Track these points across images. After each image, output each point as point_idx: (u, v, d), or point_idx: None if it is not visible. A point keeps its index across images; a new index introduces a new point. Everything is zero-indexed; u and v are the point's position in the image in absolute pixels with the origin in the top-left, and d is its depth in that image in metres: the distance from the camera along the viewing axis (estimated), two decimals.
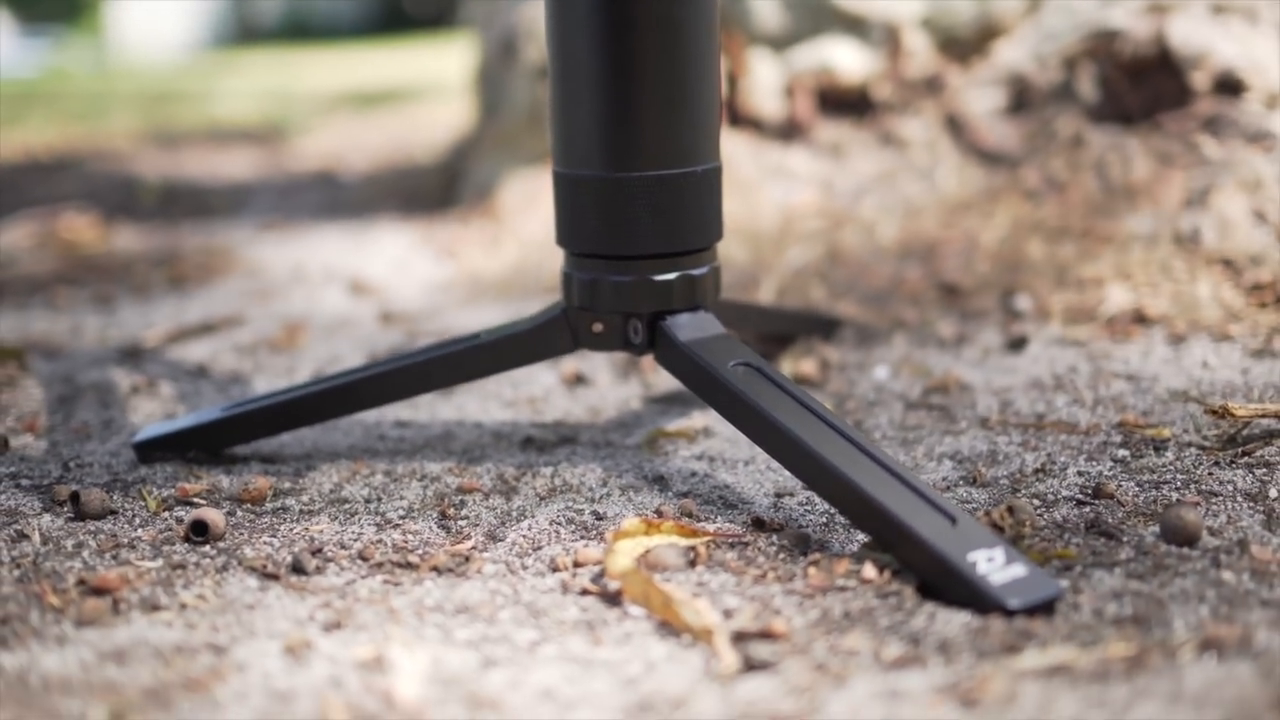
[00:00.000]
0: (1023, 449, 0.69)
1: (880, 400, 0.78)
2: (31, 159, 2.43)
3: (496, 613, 0.51)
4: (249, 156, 2.42)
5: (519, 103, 1.43)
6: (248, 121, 3.17)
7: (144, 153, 2.54)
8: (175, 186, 1.99)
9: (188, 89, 4.55)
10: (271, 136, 2.77)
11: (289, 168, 2.23)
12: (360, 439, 0.75)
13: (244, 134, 2.86)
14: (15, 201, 1.77)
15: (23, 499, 0.64)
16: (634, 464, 0.69)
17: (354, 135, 2.66)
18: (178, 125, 3.17)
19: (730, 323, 0.80)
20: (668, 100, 0.63)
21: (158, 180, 2.07)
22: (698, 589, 0.53)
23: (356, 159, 2.24)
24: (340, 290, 1.16)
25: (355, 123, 2.97)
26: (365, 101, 3.44)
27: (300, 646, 0.47)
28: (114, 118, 3.47)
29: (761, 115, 1.27)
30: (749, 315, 0.84)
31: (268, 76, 5.10)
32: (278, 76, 5.04)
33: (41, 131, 3.04)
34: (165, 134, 2.94)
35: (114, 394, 0.85)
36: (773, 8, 1.25)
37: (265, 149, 2.56)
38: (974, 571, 0.50)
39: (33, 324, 1.08)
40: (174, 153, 2.54)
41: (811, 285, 1.03)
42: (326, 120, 3.05)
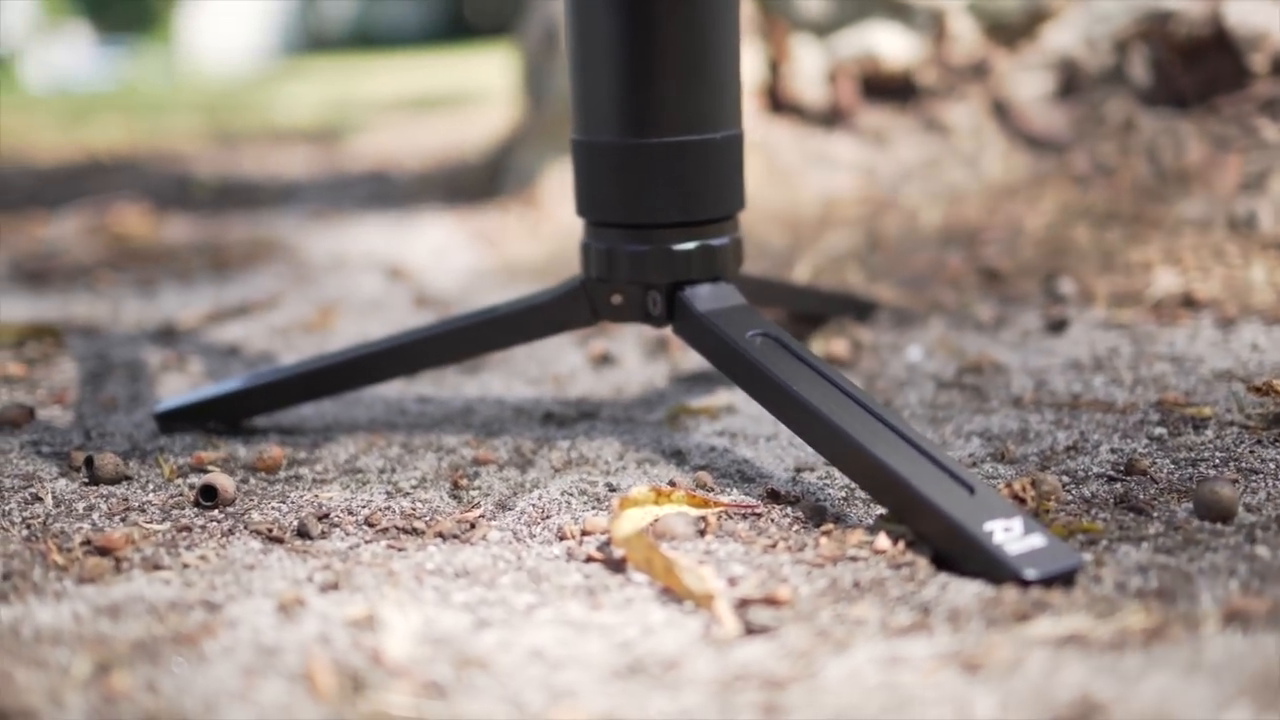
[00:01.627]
0: (1055, 427, 0.66)
1: (911, 380, 0.76)
2: (93, 159, 2.47)
3: (497, 577, 0.50)
4: (304, 156, 2.44)
5: (560, 92, 1.43)
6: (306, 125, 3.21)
7: (203, 154, 2.57)
8: (229, 183, 2.01)
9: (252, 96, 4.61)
10: (328, 138, 2.80)
11: (342, 166, 2.25)
12: (381, 413, 0.74)
13: (301, 136, 2.89)
14: (73, 196, 1.80)
15: (41, 464, 0.64)
16: (653, 439, 0.68)
17: (407, 136, 2.68)
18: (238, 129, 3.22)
19: (760, 300, 0.78)
20: (687, 65, 0.62)
21: (213, 178, 2.10)
22: (704, 557, 0.51)
23: (408, 158, 2.25)
24: (378, 275, 1.16)
25: (410, 125, 2.99)
26: (421, 106, 3.46)
27: (293, 604, 0.46)
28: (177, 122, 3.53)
29: (804, 102, 1.25)
30: (781, 293, 0.83)
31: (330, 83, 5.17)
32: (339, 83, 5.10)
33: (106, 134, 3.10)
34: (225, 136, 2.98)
35: (144, 370, 0.85)
36: None
37: (321, 149, 2.58)
38: (990, 540, 0.48)
39: (75, 306, 1.09)
40: (232, 153, 2.57)
41: (849, 270, 1.01)
42: (382, 123, 3.08)
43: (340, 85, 4.89)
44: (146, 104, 4.49)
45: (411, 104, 3.56)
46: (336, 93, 4.37)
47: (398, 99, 3.77)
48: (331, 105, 3.72)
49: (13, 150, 2.72)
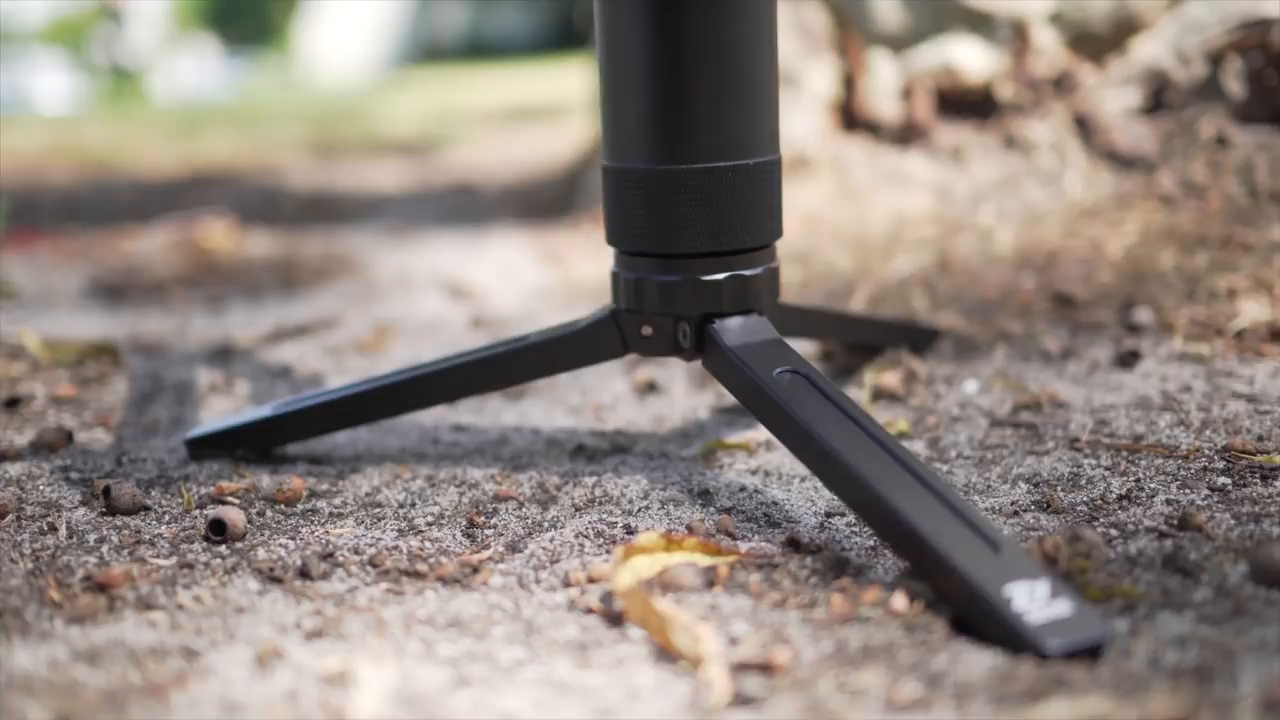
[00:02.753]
0: (1109, 473, 0.62)
1: (964, 416, 0.73)
2: (194, 172, 2.53)
3: (489, 628, 0.48)
4: (398, 169, 2.47)
5: None
6: (406, 136, 3.25)
7: (300, 166, 2.61)
8: (320, 196, 2.04)
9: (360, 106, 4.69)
10: (424, 150, 2.83)
11: (432, 179, 2.26)
12: (414, 442, 0.73)
13: (399, 148, 2.93)
14: (169, 209, 1.84)
15: (66, 491, 0.64)
16: (683, 476, 0.65)
17: (502, 148, 2.69)
18: (340, 140, 3.27)
19: (809, 331, 0.75)
20: (717, 89, 0.59)
21: (305, 191, 2.13)
22: (709, 612, 0.49)
23: (499, 170, 2.26)
24: (440, 295, 1.15)
25: (505, 137, 3.00)
26: (520, 117, 3.48)
27: (270, 655, 0.45)
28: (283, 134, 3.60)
29: (879, 118, 1.21)
30: (833, 323, 0.79)
31: (436, 94, 5.24)
32: (445, 94, 5.17)
33: (213, 147, 3.18)
34: (326, 148, 3.03)
35: (192, 392, 0.85)
36: (893, 6, 1.20)
37: (415, 161, 2.61)
38: (1009, 607, 0.45)
39: (145, 323, 1.10)
40: (328, 166, 2.61)
41: (915, 294, 0.97)
42: (478, 135, 3.10)
43: (445, 96, 4.96)
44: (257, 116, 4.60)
45: (510, 115, 3.58)
46: (440, 103, 4.42)
47: (498, 110, 3.79)
48: (433, 116, 3.76)
49: (122, 163, 2.80)
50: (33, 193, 2.27)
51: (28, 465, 0.68)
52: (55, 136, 3.63)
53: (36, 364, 0.91)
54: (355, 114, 4.21)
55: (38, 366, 0.91)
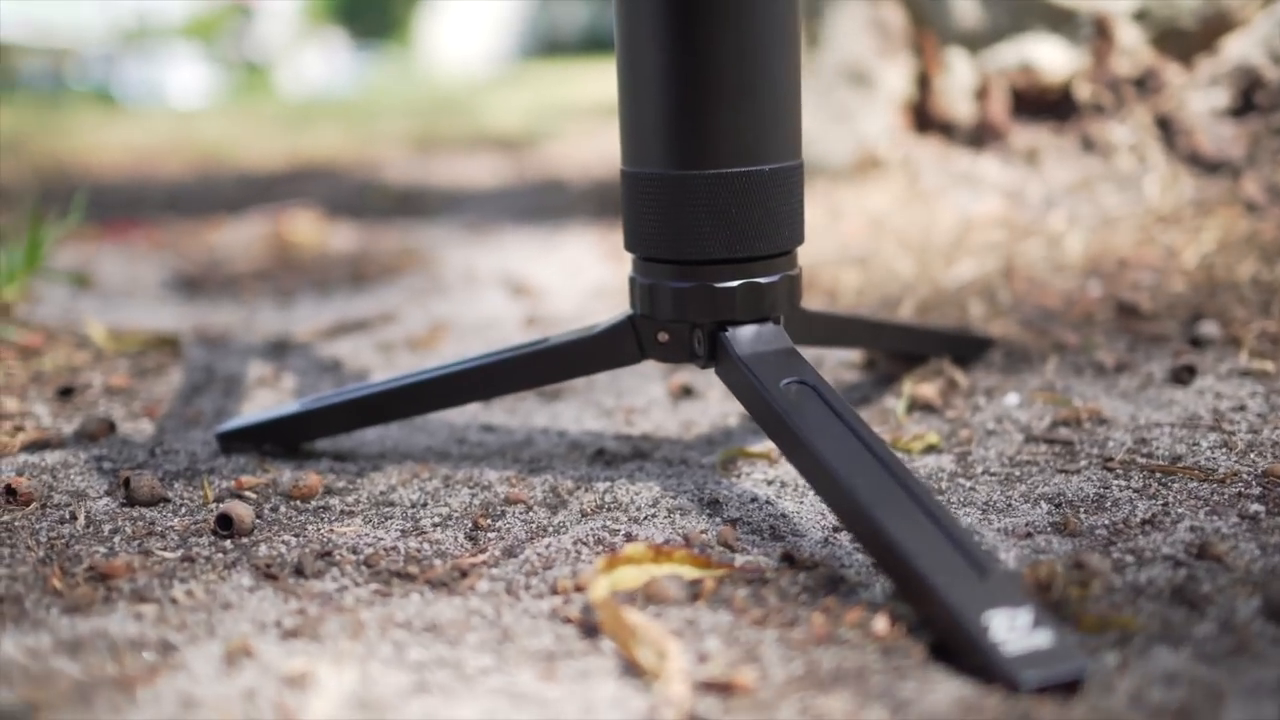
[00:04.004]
0: (1137, 495, 0.59)
1: (999, 430, 0.70)
2: (295, 165, 2.59)
3: (464, 634, 0.48)
4: (492, 164, 2.49)
5: None
6: (508, 131, 3.28)
7: (399, 160, 2.66)
8: (410, 190, 2.07)
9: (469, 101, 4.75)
10: (523, 145, 2.85)
11: (524, 175, 2.28)
12: (441, 441, 0.74)
13: (498, 142, 2.96)
14: (265, 201, 1.89)
15: (95, 481, 0.66)
16: (697, 484, 0.64)
17: (600, 144, 2.70)
18: (443, 135, 3.32)
19: (843, 339, 0.74)
20: (732, 95, 0.58)
21: (398, 184, 2.16)
22: (685, 626, 0.48)
23: (593, 166, 2.27)
24: (501, 292, 1.16)
25: (608, 132, 3.01)
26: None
27: (238, 653, 0.45)
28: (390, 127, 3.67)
29: (953, 118, 1.18)
30: (873, 332, 0.77)
31: (549, 88, 5.28)
32: (558, 87, 5.21)
33: (321, 140, 3.25)
34: (428, 142, 3.08)
35: (240, 385, 0.87)
36: (972, 4, 1.17)
37: (511, 157, 2.63)
38: (985, 635, 0.43)
39: (215, 315, 1.13)
40: (425, 160, 2.65)
41: (973, 301, 0.94)
42: (582, 129, 3.11)
43: (556, 90, 4.99)
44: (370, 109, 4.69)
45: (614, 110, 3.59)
46: (549, 98, 4.46)
47: (605, 105, 3.81)
48: (539, 110, 3.79)
49: (231, 156, 2.88)
50: (142, 184, 2.35)
51: (66, 454, 0.70)
52: (175, 129, 3.75)
53: (100, 354, 0.94)
54: (463, 108, 4.26)
55: (101, 356, 0.94)
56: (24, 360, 0.90)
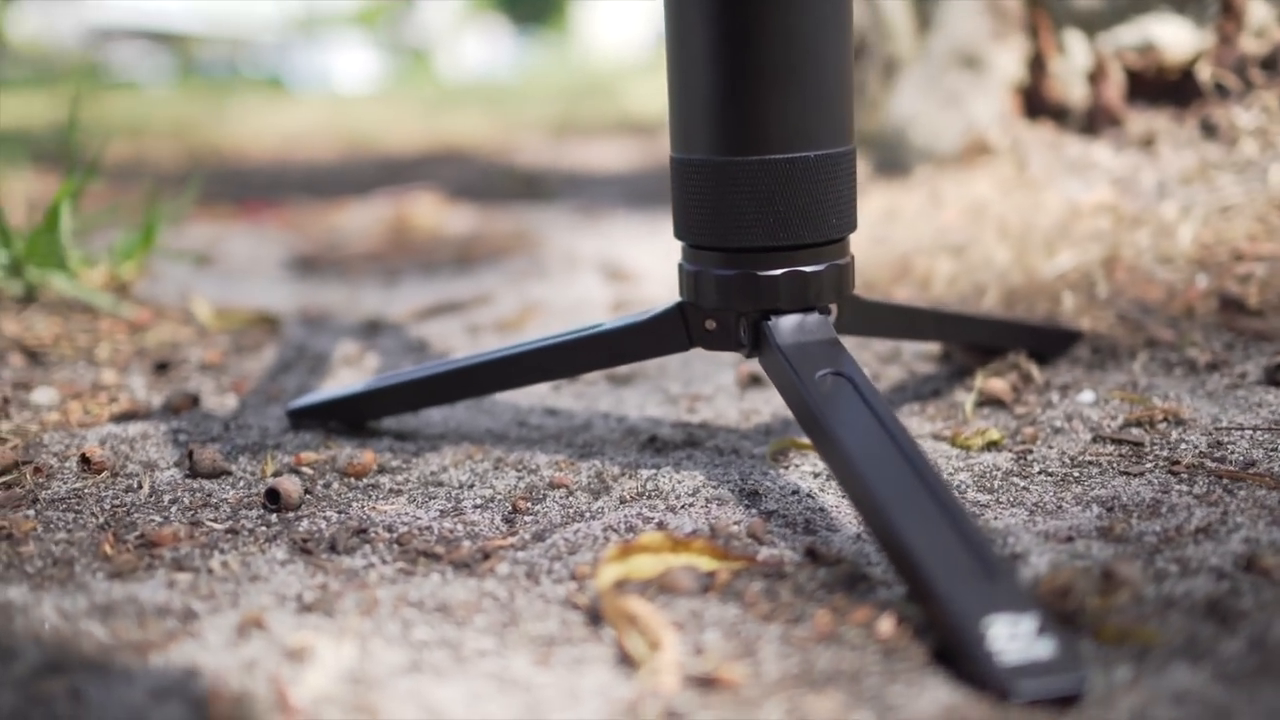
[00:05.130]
0: (1198, 502, 0.57)
1: (1066, 429, 0.68)
2: (433, 149, 2.65)
3: (472, 616, 0.49)
4: (624, 148, 2.51)
5: None
6: (647, 115, 3.29)
7: (533, 143, 2.69)
8: (536, 174, 2.10)
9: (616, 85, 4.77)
10: (658, 129, 2.86)
11: (651, 159, 2.28)
12: (502, 423, 0.75)
13: (636, 127, 2.97)
14: (394, 183, 1.94)
15: (167, 452, 0.69)
16: (743, 474, 0.64)
17: None
18: (582, 119, 3.35)
19: (905, 330, 0.72)
20: (776, 78, 0.57)
21: (526, 168, 2.19)
22: (689, 618, 0.48)
23: None
24: (598, 276, 1.16)
25: None
26: None
27: (250, 625, 0.47)
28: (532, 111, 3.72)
29: (1066, 102, 1.14)
30: (940, 323, 0.75)
31: None
32: None
33: (461, 124, 3.31)
34: (565, 126, 3.11)
35: (325, 363, 0.90)
36: None
37: (644, 141, 2.64)
38: (981, 642, 0.42)
39: (322, 294, 1.17)
40: (559, 144, 2.68)
41: (1068, 292, 0.90)
42: None
43: None
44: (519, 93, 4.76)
45: None
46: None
47: None
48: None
49: (375, 139, 2.96)
50: (286, 167, 2.44)
51: (148, 425, 0.73)
52: (330, 114, 3.88)
53: (204, 331, 0.98)
54: (607, 93, 4.29)
55: (205, 333, 0.98)
56: (132, 335, 0.94)
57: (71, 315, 0.96)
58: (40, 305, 0.97)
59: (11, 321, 0.93)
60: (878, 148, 1.29)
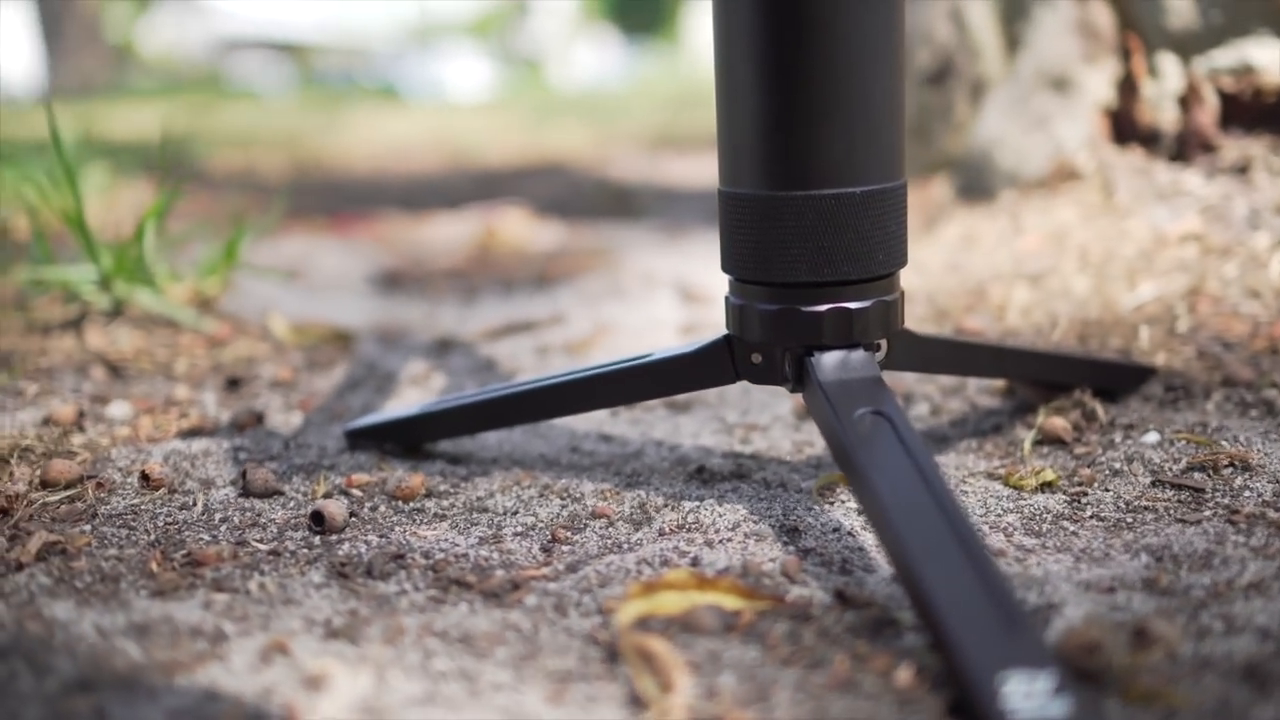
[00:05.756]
0: (1253, 555, 0.54)
1: (1125, 471, 0.66)
2: (530, 161, 2.67)
3: (493, 648, 0.49)
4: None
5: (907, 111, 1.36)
6: None
7: (628, 156, 2.71)
8: (628, 188, 2.11)
9: None
10: None
11: None
12: (556, 449, 0.75)
13: None
14: (488, 195, 1.96)
15: (226, 470, 0.71)
16: (786, 509, 0.63)
17: None
18: (680, 131, 3.35)
19: (960, 366, 0.71)
20: (822, 113, 0.57)
21: (618, 182, 2.20)
22: (707, 659, 0.47)
23: None
24: (672, 297, 1.16)
25: None
26: None
27: (274, 650, 0.48)
28: (632, 123, 3.73)
29: (1157, 127, 1.11)
30: (996, 358, 0.73)
31: None
32: None
33: (560, 136, 3.34)
34: (663, 139, 3.12)
35: (392, 382, 0.91)
36: (1188, 4, 1.09)
37: None
38: (995, 699, 0.41)
39: (401, 311, 1.19)
40: (653, 157, 2.69)
41: (1146, 326, 0.88)
42: None
43: None
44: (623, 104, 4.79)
45: None
46: None
47: None
48: None
49: (476, 151, 3.00)
50: (384, 178, 2.49)
51: (212, 442, 0.75)
52: (436, 124, 3.94)
53: (281, 346, 1.00)
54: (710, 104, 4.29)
55: (281, 349, 1.00)
56: (210, 350, 0.97)
57: (155, 330, 0.99)
58: (126, 319, 1.00)
59: (97, 335, 0.96)
60: (962, 171, 1.26)
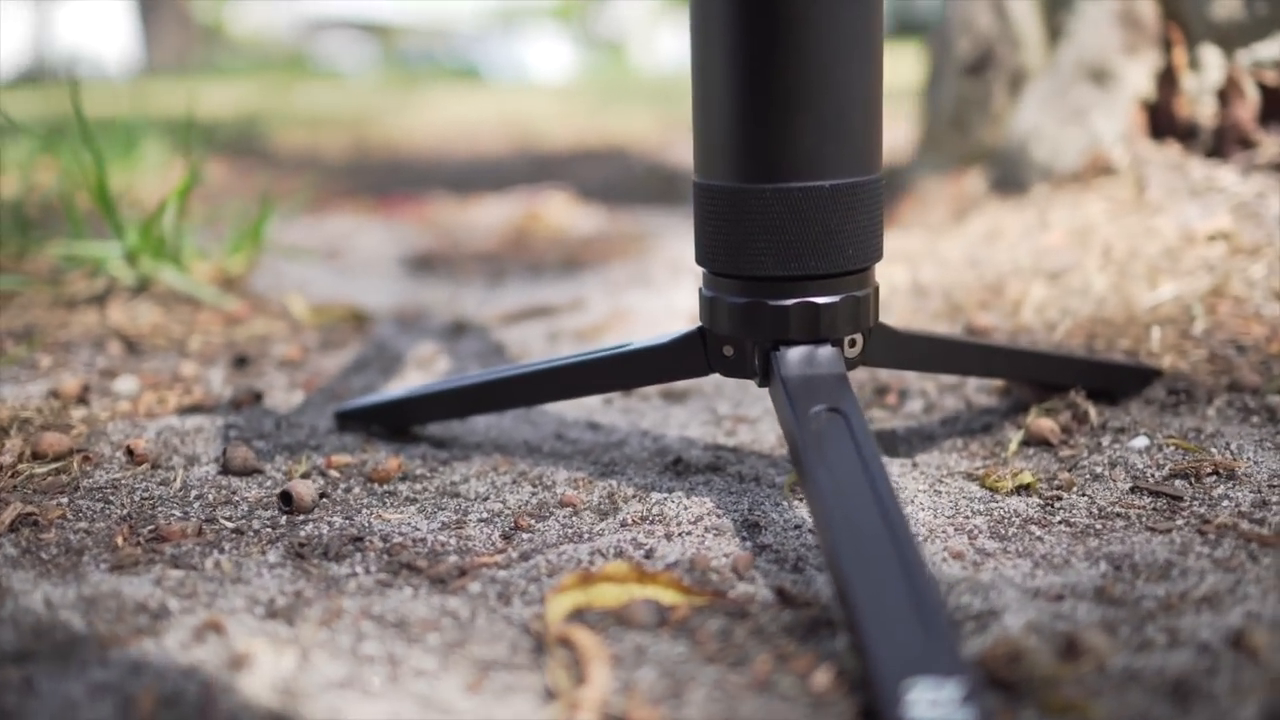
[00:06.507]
0: (1215, 567, 0.53)
1: (1105, 476, 0.64)
2: (589, 145, 2.67)
3: (426, 634, 0.49)
4: None
5: (945, 101, 1.34)
6: None
7: (686, 142, 2.69)
8: (678, 173, 2.10)
9: None
10: None
11: None
12: (541, 435, 0.75)
13: None
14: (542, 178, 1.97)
15: (213, 448, 0.72)
16: (752, 504, 0.63)
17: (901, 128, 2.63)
18: None
19: (944, 364, 0.70)
20: (791, 106, 0.56)
21: (669, 167, 2.19)
22: (633, 653, 0.47)
23: None
24: (695, 286, 1.16)
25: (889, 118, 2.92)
26: None
27: (208, 628, 0.49)
28: None
29: (1196, 121, 1.07)
30: (986, 357, 0.72)
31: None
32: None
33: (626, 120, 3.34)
34: None
35: (399, 364, 0.92)
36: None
37: None
38: (897, 704, 0.40)
39: (427, 293, 1.20)
40: None
41: (1161, 326, 0.85)
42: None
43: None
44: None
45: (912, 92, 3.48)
46: None
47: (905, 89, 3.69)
48: None
49: (538, 132, 3.01)
50: (444, 158, 2.51)
51: (206, 419, 0.77)
52: (507, 105, 3.96)
53: (297, 326, 1.02)
54: None
55: (297, 329, 1.01)
56: (226, 328, 0.98)
57: (176, 307, 1.01)
58: (151, 295, 1.02)
59: (119, 311, 0.98)
60: (998, 163, 1.24)
